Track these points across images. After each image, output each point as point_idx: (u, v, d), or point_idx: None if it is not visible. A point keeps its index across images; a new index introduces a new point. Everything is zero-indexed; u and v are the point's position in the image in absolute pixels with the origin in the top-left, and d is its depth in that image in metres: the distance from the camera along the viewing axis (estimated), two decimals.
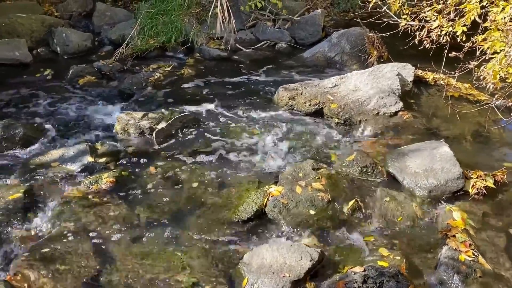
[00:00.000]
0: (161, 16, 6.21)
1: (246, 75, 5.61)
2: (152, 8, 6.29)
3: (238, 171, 3.63)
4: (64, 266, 2.55)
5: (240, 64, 6.01)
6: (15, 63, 5.81)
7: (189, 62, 5.93)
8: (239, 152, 3.87)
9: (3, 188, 3.26)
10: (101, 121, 4.46)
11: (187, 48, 6.26)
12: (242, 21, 7.03)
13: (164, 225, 3.01)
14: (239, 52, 6.34)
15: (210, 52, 6.12)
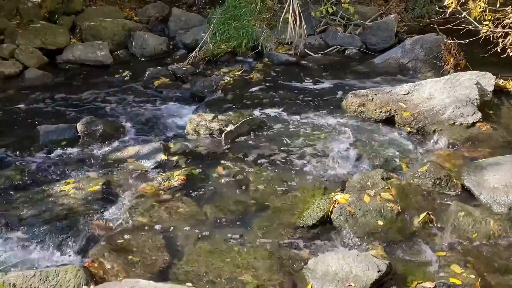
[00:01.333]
0: (233, 22, 6.36)
1: (314, 80, 5.59)
2: (225, 13, 6.46)
3: (303, 176, 3.62)
4: (137, 257, 2.68)
5: (308, 69, 6.01)
6: (97, 64, 6.24)
7: (258, 66, 6.02)
8: (306, 157, 3.87)
9: (84, 180, 3.50)
10: (174, 122, 4.66)
11: (256, 53, 6.36)
12: (312, 26, 7.02)
13: (230, 224, 3.07)
14: (307, 57, 6.34)
15: (279, 57, 6.18)
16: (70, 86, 5.63)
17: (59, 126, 4.34)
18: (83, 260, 2.71)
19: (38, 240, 2.89)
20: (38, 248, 2.84)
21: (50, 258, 2.79)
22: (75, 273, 2.35)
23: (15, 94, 5.35)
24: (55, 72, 6.02)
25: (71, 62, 6.24)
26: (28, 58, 6.00)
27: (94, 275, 2.46)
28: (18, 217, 3.10)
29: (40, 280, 2.28)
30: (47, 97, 5.26)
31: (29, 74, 5.79)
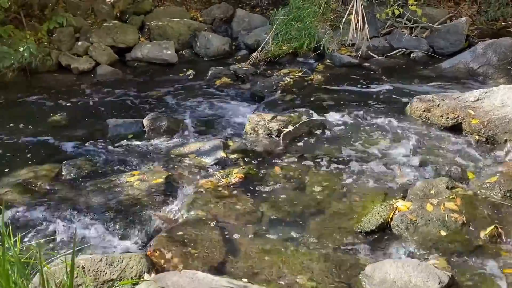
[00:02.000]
0: (295, 23, 6.37)
1: (377, 83, 5.47)
2: (288, 14, 6.48)
3: (362, 181, 3.55)
4: (195, 249, 2.76)
5: (371, 71, 5.88)
6: (163, 62, 6.49)
7: (319, 68, 5.98)
8: (365, 161, 3.79)
9: (148, 172, 3.66)
10: (234, 120, 4.75)
11: (318, 54, 6.32)
12: (376, 28, 6.87)
13: (286, 224, 3.08)
14: (370, 59, 6.21)
15: (341, 59, 6.10)
16: (138, 83, 5.90)
17: (126, 121, 4.57)
18: (145, 249, 2.83)
19: (104, 226, 3.07)
20: (104, 234, 3.01)
21: (114, 244, 2.94)
22: (138, 260, 2.46)
23: (88, 89, 5.70)
24: (124, 69, 6.35)
25: (139, 60, 6.54)
26: (100, 55, 6.36)
27: (155, 264, 2.57)
28: (87, 204, 3.30)
29: (106, 265, 2.41)
30: (116, 92, 5.56)
31: (101, 70, 6.14)
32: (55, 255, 2.29)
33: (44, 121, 4.77)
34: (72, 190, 3.46)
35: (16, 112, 5.02)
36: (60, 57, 6.28)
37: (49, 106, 5.18)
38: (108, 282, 2.37)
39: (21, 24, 6.44)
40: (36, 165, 3.84)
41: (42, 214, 3.15)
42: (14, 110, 5.08)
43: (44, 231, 2.97)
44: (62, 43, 6.48)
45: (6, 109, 5.11)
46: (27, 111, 5.06)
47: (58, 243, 2.85)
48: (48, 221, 3.07)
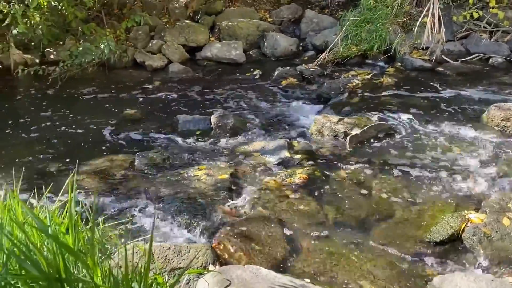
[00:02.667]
0: (366, 24, 6.25)
1: (451, 88, 5.22)
2: (359, 16, 6.37)
3: (432, 189, 3.41)
4: (258, 246, 2.80)
5: (444, 76, 5.63)
6: (231, 62, 6.64)
7: (389, 71, 5.82)
8: (436, 169, 3.63)
9: (214, 168, 3.76)
10: (299, 121, 4.75)
11: (388, 57, 6.16)
12: (452, 31, 6.56)
13: (350, 228, 3.03)
14: (444, 64, 5.94)
15: (413, 62, 5.90)
16: (206, 81, 6.08)
17: (195, 117, 4.73)
18: (209, 241, 2.91)
19: (171, 216, 3.19)
20: (171, 223, 3.13)
21: (181, 234, 3.05)
22: (204, 251, 2.54)
23: (160, 85, 5.96)
24: (194, 68, 6.57)
25: (208, 59, 6.74)
26: (173, 53, 6.63)
27: (219, 256, 2.64)
28: (157, 194, 3.45)
29: (174, 253, 2.51)
30: (186, 89, 5.76)
31: (173, 68, 6.40)
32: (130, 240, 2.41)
33: (119, 114, 5.06)
34: (143, 180, 3.64)
35: (95, 105, 5.37)
36: (135, 54, 6.63)
37: (124, 100, 5.49)
38: (175, 270, 2.46)
39: (102, 22, 6.89)
40: (112, 155, 4.08)
41: (116, 200, 3.34)
42: (93, 103, 5.44)
43: (117, 216, 3.16)
44: (138, 41, 6.83)
45: (85, 102, 5.48)
46: (104, 104, 5.40)
47: (131, 228, 3.01)
48: (121, 208, 3.26)
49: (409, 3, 6.71)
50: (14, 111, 5.24)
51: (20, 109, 5.28)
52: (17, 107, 5.35)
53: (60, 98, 5.57)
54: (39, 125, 4.81)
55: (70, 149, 4.29)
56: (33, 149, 4.25)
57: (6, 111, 5.25)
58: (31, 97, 5.63)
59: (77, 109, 5.22)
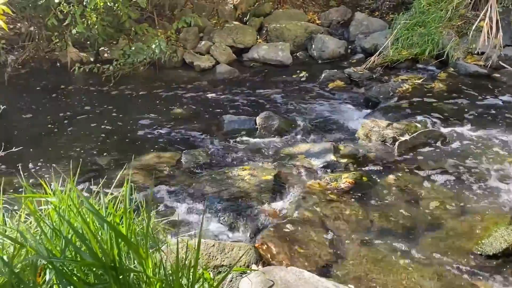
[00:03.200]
0: (418, 28, 6.07)
1: (507, 96, 4.97)
2: (411, 19, 6.20)
3: (484, 200, 3.26)
4: (301, 248, 2.78)
5: (501, 83, 5.37)
6: (277, 63, 6.64)
7: (441, 76, 5.62)
8: (489, 179, 3.47)
9: (258, 168, 3.77)
10: (345, 124, 4.68)
11: (440, 61, 5.95)
12: (510, 36, 6.23)
13: (397, 236, 2.95)
14: (501, 70, 5.66)
15: (467, 68, 5.66)
16: (252, 82, 6.12)
17: (240, 117, 4.77)
18: (252, 240, 2.93)
19: (215, 214, 3.23)
20: (215, 221, 3.18)
21: (224, 232, 3.09)
22: (247, 250, 2.56)
23: (207, 85, 6.06)
24: (241, 69, 6.62)
25: (255, 61, 6.77)
26: (220, 54, 6.72)
27: (262, 257, 2.64)
28: (202, 191, 3.51)
29: (218, 251, 2.54)
30: (232, 90, 5.82)
31: (220, 68, 6.49)
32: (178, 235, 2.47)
33: (168, 112, 5.19)
34: (189, 177, 3.71)
35: (145, 103, 5.54)
36: (184, 54, 6.77)
37: (172, 99, 5.62)
38: (218, 267, 2.49)
39: (154, 23, 7.09)
40: (160, 151, 4.19)
41: (163, 196, 3.43)
42: (143, 101, 5.61)
43: (164, 211, 3.24)
44: (187, 42, 6.98)
45: (136, 99, 5.66)
46: (153, 102, 5.55)
47: (176, 224, 3.08)
48: (168, 203, 3.34)
49: (465, 6, 6.45)
50: (70, 106, 5.50)
51: (75, 105, 5.53)
52: (73, 103, 5.61)
53: (112, 95, 5.79)
54: (92, 120, 5.03)
55: (121, 144, 4.45)
56: (87, 143, 4.45)
57: (63, 106, 5.52)
58: (86, 93, 5.88)
59: (128, 106, 5.41)
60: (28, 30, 6.47)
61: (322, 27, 7.46)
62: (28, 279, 1.34)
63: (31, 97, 5.74)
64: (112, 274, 1.33)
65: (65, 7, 5.84)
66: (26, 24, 6.39)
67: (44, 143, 4.47)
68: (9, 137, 4.60)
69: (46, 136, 4.68)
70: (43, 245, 1.48)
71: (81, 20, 5.93)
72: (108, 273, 1.34)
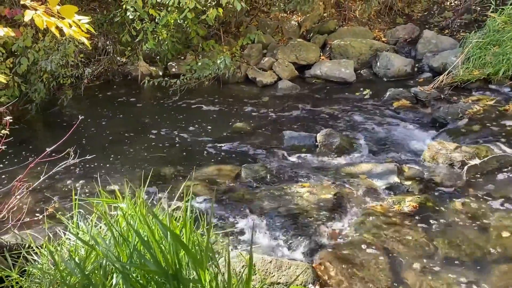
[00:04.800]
0: (492, 47, 5.76)
1: None
2: (484, 38, 5.91)
3: None
4: (359, 272, 2.70)
5: None
6: (340, 81, 6.58)
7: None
8: None
9: (318, 186, 3.73)
10: (410, 145, 4.52)
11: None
12: None
13: (464, 266, 2.78)
14: None
15: None
16: (314, 99, 6.10)
17: (301, 134, 4.77)
18: (309, 260, 2.89)
19: (273, 230, 3.23)
20: (272, 237, 3.17)
21: (281, 250, 3.07)
22: (304, 269, 2.53)
23: (269, 101, 6.13)
24: (302, 85, 6.63)
25: (317, 77, 6.75)
26: (283, 70, 6.78)
27: (319, 277, 2.60)
28: (260, 207, 3.53)
29: (275, 268, 2.54)
30: (293, 106, 5.84)
31: (282, 84, 6.54)
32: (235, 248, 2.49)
33: (229, 126, 5.30)
34: (248, 192, 3.75)
35: (208, 116, 5.70)
36: (248, 70, 6.91)
37: (234, 113, 5.74)
38: (274, 284, 2.48)
39: (220, 40, 7.31)
40: (220, 164, 4.28)
41: (222, 208, 3.49)
42: (206, 114, 5.78)
43: (223, 224, 3.29)
44: (251, 58, 7.12)
45: (200, 113, 5.84)
46: (216, 116, 5.70)
47: (234, 238, 3.12)
48: (226, 216, 3.39)
49: None
50: (139, 117, 5.79)
51: (144, 116, 5.81)
52: (141, 114, 5.90)
53: (178, 108, 6.02)
54: (159, 131, 5.25)
55: (184, 156, 4.60)
56: (154, 153, 4.65)
57: (133, 116, 5.82)
58: (154, 106, 6.17)
59: (193, 119, 5.59)
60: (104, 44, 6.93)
61: (388, 44, 7.30)
62: (98, 281, 1.41)
63: (104, 108, 6.11)
64: (173, 283, 1.37)
65: (138, 24, 6.20)
66: (103, 39, 6.85)
67: (115, 152, 4.73)
68: (83, 145, 4.92)
69: (117, 145, 4.95)
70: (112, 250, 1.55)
71: (152, 36, 6.25)
72: (170, 282, 1.38)
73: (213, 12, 5.72)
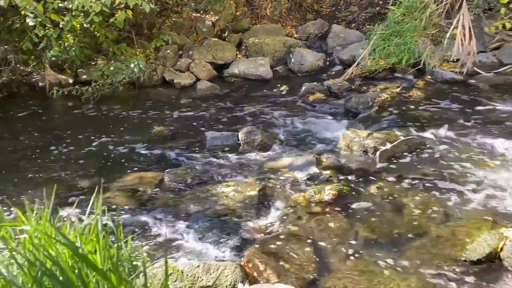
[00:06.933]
0: (394, 38, 6.18)
1: (484, 101, 5.07)
2: (386, 29, 6.31)
3: (467, 206, 3.29)
4: (287, 264, 2.76)
5: (477, 89, 5.48)
6: (258, 78, 6.68)
7: (419, 84, 5.71)
8: (471, 185, 3.51)
9: (242, 184, 3.75)
10: (327, 136, 4.71)
11: (417, 70, 6.07)
12: (483, 42, 6.40)
13: (382, 246, 2.94)
14: (476, 76, 5.79)
15: (443, 75, 5.78)
16: (234, 98, 6.13)
17: (223, 133, 4.76)
18: (238, 258, 2.89)
19: (200, 233, 3.19)
20: (200, 240, 3.13)
21: (209, 252, 3.04)
22: (233, 269, 2.52)
23: (188, 102, 6.05)
24: (221, 84, 6.64)
25: (235, 76, 6.80)
26: (201, 71, 6.73)
27: (248, 275, 2.61)
28: (186, 211, 3.47)
29: (203, 271, 2.50)
30: (213, 106, 5.82)
31: (200, 85, 6.49)
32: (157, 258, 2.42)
33: (149, 131, 5.15)
34: (172, 197, 3.67)
35: (125, 122, 5.49)
36: (164, 72, 6.77)
37: (153, 117, 5.59)
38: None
39: (132, 42, 7.07)
40: (142, 172, 4.14)
41: (145, 217, 3.37)
42: (123, 121, 5.56)
43: (147, 234, 3.18)
44: (167, 60, 6.98)
45: (116, 120, 5.61)
46: (134, 121, 5.51)
47: (160, 246, 3.03)
48: (150, 225, 3.28)
49: (438, 15, 6.60)
50: (49, 130, 5.41)
51: (54, 128, 5.45)
52: (52, 126, 5.53)
53: (92, 117, 5.73)
54: (72, 143, 4.95)
55: (102, 166, 4.38)
56: (68, 166, 4.37)
57: (42, 130, 5.43)
58: (65, 116, 5.82)
59: (109, 127, 5.35)
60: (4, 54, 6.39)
61: (301, 40, 7.55)
62: None
63: (8, 123, 5.64)
64: None
65: (40, 30, 5.79)
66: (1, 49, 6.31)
67: (23, 170, 4.37)
68: None
69: (25, 162, 4.58)
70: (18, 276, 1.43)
71: (57, 43, 5.88)
72: None
73: (122, 14, 5.51)
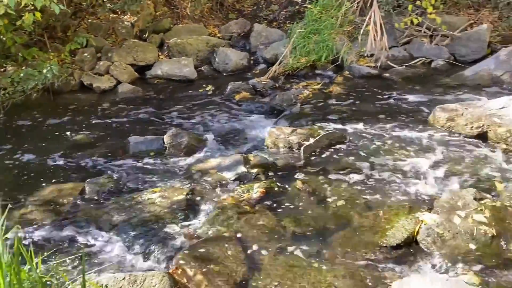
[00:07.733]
0: (313, 35, 6.38)
1: (398, 93, 5.40)
2: (305, 27, 6.49)
3: (386, 193, 3.48)
4: (218, 267, 2.73)
5: (391, 82, 5.82)
6: (182, 79, 6.57)
7: (338, 80, 5.95)
8: (388, 173, 3.72)
9: (169, 189, 3.66)
10: (254, 134, 4.74)
11: (336, 66, 6.31)
12: (395, 37, 6.81)
13: (310, 239, 3.02)
14: (390, 69, 6.15)
15: (360, 70, 6.06)
16: (158, 100, 5.97)
17: (147, 138, 4.61)
18: (167, 266, 2.82)
19: (127, 244, 3.07)
20: (126, 252, 3.01)
21: (137, 263, 2.93)
22: (160, 278, 2.45)
23: (109, 107, 5.80)
24: (144, 87, 6.44)
25: (159, 77, 6.63)
26: (121, 73, 6.48)
27: (178, 282, 2.55)
28: (110, 222, 3.31)
29: (129, 283, 2.41)
30: (137, 109, 5.63)
31: (122, 88, 6.25)
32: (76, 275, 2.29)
33: (67, 140, 4.86)
34: (95, 208, 3.49)
35: (41, 132, 5.13)
36: (82, 76, 6.43)
37: (72, 125, 5.28)
38: None
39: (45, 46, 6.62)
40: (60, 184, 3.90)
41: (66, 232, 3.17)
42: (38, 130, 5.20)
43: (67, 249, 3.00)
44: (84, 63, 6.64)
45: (31, 130, 5.23)
46: (51, 130, 5.17)
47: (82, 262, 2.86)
48: (71, 239, 3.10)
49: (353, 12, 6.91)
50: None
51: None
52: None
53: (3, 127, 5.29)
54: None
55: (16, 182, 4.04)
56: None
57: None
58: None
59: (22, 137, 4.97)
60: None
61: (224, 40, 7.54)
62: None
63: None
64: None
65: None
66: None
67: None
68: None
69: None
70: None
71: None
72: None
73: (29, 17, 5.14)
